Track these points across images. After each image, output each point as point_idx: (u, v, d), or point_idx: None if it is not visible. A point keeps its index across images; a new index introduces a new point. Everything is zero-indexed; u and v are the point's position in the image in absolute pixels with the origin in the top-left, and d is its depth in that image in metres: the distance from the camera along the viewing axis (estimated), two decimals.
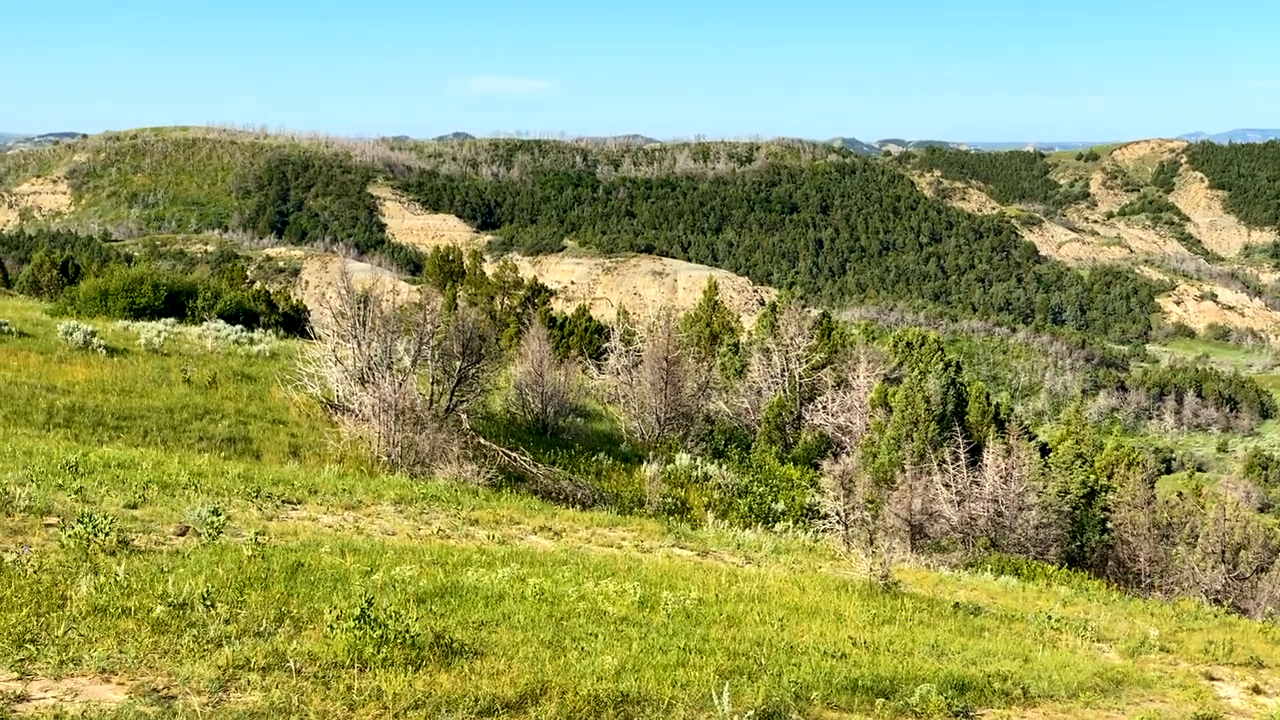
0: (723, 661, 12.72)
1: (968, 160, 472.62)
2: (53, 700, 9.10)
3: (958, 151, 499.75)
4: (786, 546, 27.18)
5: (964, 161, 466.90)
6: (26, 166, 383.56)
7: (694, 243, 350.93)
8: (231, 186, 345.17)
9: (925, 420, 43.59)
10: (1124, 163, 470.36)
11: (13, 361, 34.33)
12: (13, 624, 10.48)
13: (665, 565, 20.09)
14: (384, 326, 35.83)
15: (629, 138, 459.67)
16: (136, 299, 52.94)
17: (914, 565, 29.21)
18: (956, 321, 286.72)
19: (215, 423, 31.64)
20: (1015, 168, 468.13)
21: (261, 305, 67.02)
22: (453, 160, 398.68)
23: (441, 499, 24.32)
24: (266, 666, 10.26)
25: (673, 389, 46.66)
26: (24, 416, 27.98)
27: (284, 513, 19.85)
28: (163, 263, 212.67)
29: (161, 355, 39.27)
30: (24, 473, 18.38)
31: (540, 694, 10.57)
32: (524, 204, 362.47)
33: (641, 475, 37.75)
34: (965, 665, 15.13)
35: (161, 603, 11.53)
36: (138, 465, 21.31)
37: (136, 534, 15.07)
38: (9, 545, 13.52)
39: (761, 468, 44.16)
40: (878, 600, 19.20)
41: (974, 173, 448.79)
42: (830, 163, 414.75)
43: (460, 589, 14.55)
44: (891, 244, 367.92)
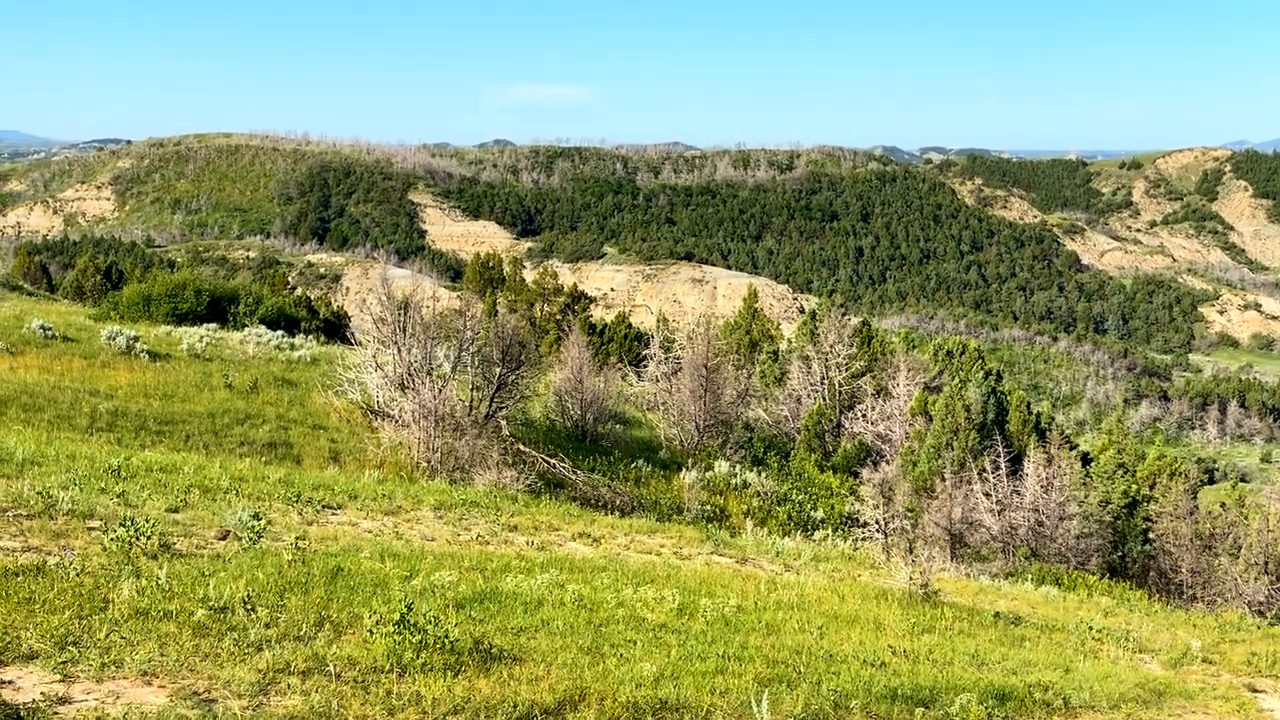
0: (762, 669, 12.68)
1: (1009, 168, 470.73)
2: (94, 702, 9.14)
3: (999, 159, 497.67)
4: (825, 554, 27.07)
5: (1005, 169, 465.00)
6: (71, 172, 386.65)
7: (734, 250, 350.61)
8: (274, 193, 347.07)
9: (965, 429, 43.36)
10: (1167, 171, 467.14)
11: (57, 366, 34.60)
12: (55, 626, 10.54)
13: (704, 572, 20.05)
14: (424, 332, 35.95)
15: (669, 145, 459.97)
16: (179, 304, 53.27)
17: (954, 574, 29.06)
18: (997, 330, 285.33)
19: (256, 428, 31.81)
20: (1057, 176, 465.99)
21: (303, 311, 67.33)
22: (493, 167, 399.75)
23: (481, 505, 24.34)
24: (306, 670, 10.28)
25: (712, 396, 46.61)
26: (68, 420, 28.19)
27: (324, 517, 19.91)
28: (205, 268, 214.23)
29: (203, 360, 39.49)
30: (67, 476, 18.49)
31: (579, 700, 10.55)
32: (564, 211, 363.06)
33: (680, 482, 37.72)
34: (1006, 675, 15.02)
35: (202, 606, 11.57)
36: (179, 469, 21.41)
37: (178, 538, 15.14)
38: (52, 548, 13.60)
39: (801, 475, 44.04)
40: (917, 609, 19.09)
41: (1016, 181, 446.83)
42: (871, 170, 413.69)
43: (499, 595, 14.56)
44: (932, 252, 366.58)
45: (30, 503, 15.57)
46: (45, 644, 10.14)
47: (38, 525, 14.59)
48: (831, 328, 55.53)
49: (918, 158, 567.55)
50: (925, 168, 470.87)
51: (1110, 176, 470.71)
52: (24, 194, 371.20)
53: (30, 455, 19.89)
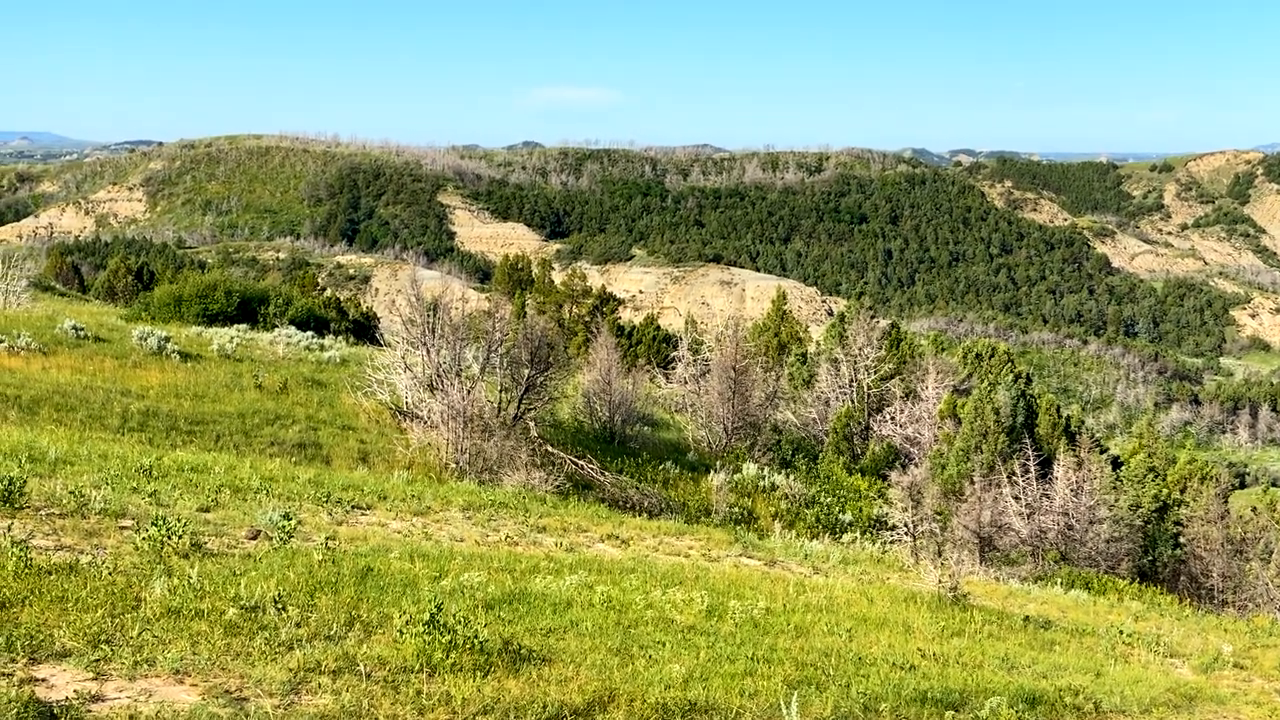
0: (791, 671, 12.67)
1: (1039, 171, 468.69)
2: (127, 700, 9.20)
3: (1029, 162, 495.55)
4: (854, 557, 27.03)
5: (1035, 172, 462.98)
6: (103, 174, 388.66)
7: (762, 252, 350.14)
8: (303, 194, 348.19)
9: (995, 432, 43.21)
10: (1198, 174, 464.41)
11: (89, 366, 34.80)
12: (88, 624, 10.62)
13: (733, 574, 20.04)
14: (453, 334, 36.01)
15: (698, 147, 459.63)
16: (209, 305, 53.53)
17: (983, 577, 28.96)
18: (1027, 333, 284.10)
19: (286, 428, 31.93)
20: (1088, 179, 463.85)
21: (332, 312, 67.57)
22: (522, 169, 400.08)
23: (509, 506, 24.39)
24: (337, 670, 10.33)
25: (740, 398, 46.57)
26: (99, 420, 28.35)
27: (353, 518, 19.99)
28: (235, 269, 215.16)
29: (234, 361, 39.67)
30: (99, 475, 18.61)
31: (608, 701, 10.56)
32: (593, 213, 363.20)
33: (708, 484, 37.70)
34: (1036, 679, 14.98)
35: (234, 605, 11.63)
36: (210, 469, 21.53)
37: (209, 537, 15.22)
38: (85, 547, 13.70)
39: (829, 478, 43.95)
40: (947, 612, 19.06)
41: (1046, 184, 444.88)
42: (900, 173, 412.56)
43: (528, 596, 14.59)
44: (961, 255, 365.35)
45: (63, 502, 15.68)
46: (78, 642, 10.21)
47: (70, 524, 14.69)
48: (860, 330, 55.41)
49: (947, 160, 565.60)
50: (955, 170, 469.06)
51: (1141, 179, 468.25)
52: (56, 195, 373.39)
53: (63, 454, 20.03)
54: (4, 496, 14.92)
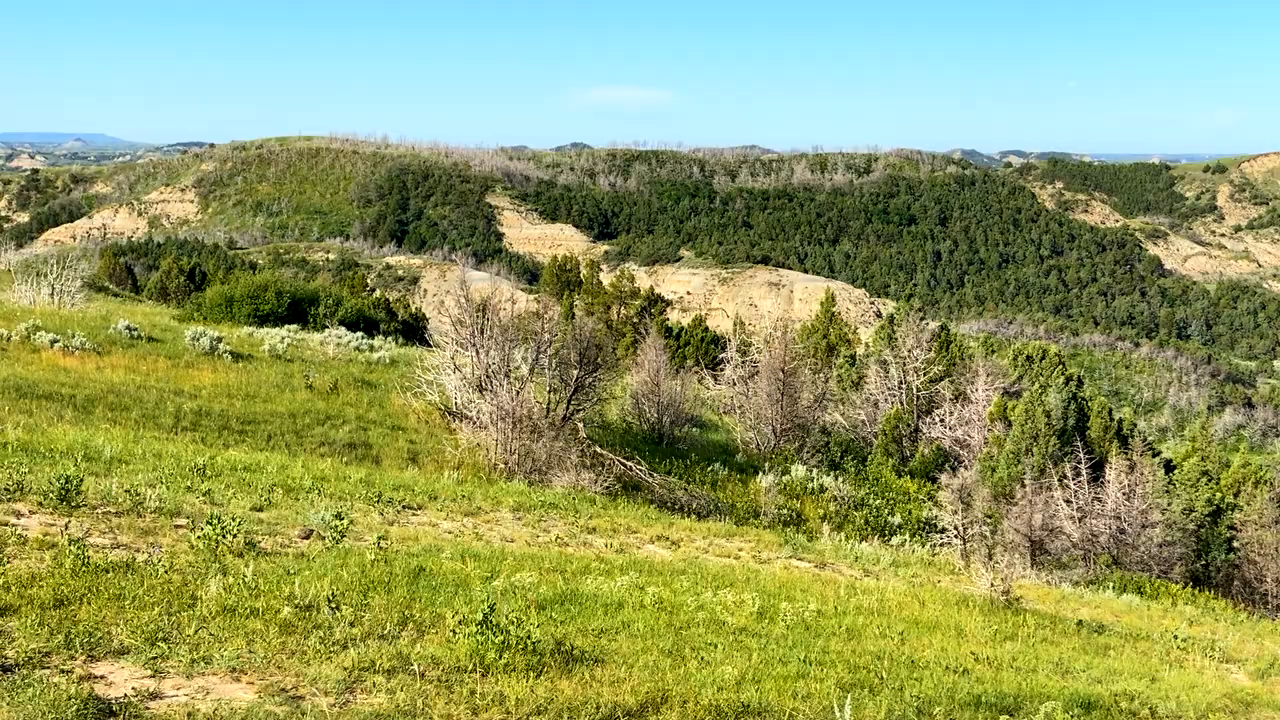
0: (843, 674, 12.62)
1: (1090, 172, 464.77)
2: (184, 698, 9.27)
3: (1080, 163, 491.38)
4: (904, 560, 26.92)
5: (1087, 173, 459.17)
6: (156, 175, 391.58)
7: (810, 254, 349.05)
8: (353, 195, 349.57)
9: (1046, 435, 42.92)
10: (1252, 175, 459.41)
11: (142, 366, 35.11)
12: (145, 622, 10.70)
13: (783, 576, 20.00)
14: (502, 335, 36.07)
15: (746, 148, 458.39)
16: (260, 306, 53.91)
17: (1034, 581, 28.78)
18: (1077, 335, 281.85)
19: (336, 428, 32.09)
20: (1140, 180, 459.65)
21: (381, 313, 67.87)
22: (570, 170, 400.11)
23: (559, 507, 24.43)
24: (391, 669, 10.37)
25: (789, 400, 46.45)
26: (153, 420, 28.58)
27: (404, 518, 20.06)
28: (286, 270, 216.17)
29: (285, 361, 39.92)
30: (154, 474, 18.76)
31: (661, 703, 10.56)
32: (641, 214, 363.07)
33: (757, 486, 37.62)
34: (1090, 684, 14.87)
35: (288, 604, 11.70)
36: (263, 469, 21.66)
37: (263, 536, 15.32)
38: (141, 545, 13.81)
39: (878, 480, 43.76)
40: (999, 616, 18.94)
41: (1097, 185, 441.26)
42: (949, 174, 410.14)
43: (579, 596, 14.60)
44: (1011, 256, 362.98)
45: (119, 500, 15.82)
46: (136, 640, 10.30)
47: (126, 522, 14.82)
48: (909, 332, 55.19)
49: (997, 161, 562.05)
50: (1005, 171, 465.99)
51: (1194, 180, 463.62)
52: (110, 196, 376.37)
53: (118, 453, 20.20)
54: (61, 495, 15.06)
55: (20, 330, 36.16)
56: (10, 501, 14.94)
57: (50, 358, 34.00)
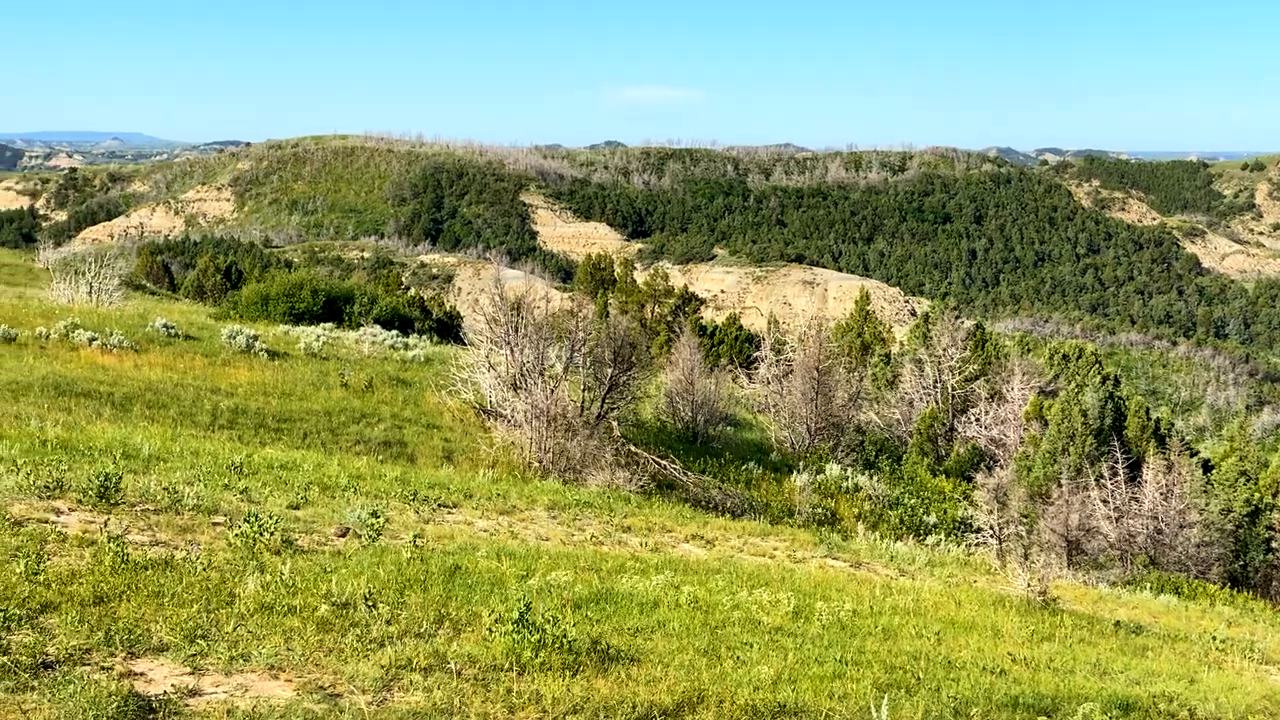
0: (880, 674, 12.58)
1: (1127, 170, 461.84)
2: (223, 695, 9.32)
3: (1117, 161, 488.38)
4: (940, 560, 26.83)
5: (1124, 171, 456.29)
6: (192, 174, 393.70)
7: (845, 252, 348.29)
8: (388, 194, 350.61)
9: (1082, 434, 42.69)
10: None
11: (179, 364, 35.32)
12: (184, 619, 10.76)
13: (818, 576, 19.96)
14: (536, 333, 36.12)
15: (780, 147, 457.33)
16: (296, 304, 54.16)
17: (1071, 581, 28.63)
18: (1114, 334, 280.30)
19: (372, 426, 32.20)
20: (1177, 178, 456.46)
21: (416, 311, 68.09)
22: (604, 169, 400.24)
23: (594, 505, 24.43)
24: (428, 667, 10.39)
25: (823, 399, 46.37)
26: (190, 418, 28.75)
27: (440, 516, 20.11)
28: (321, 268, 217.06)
29: (320, 359, 40.09)
30: (191, 472, 18.86)
31: (697, 702, 10.54)
32: (674, 213, 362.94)
33: (791, 485, 37.57)
34: (1129, 685, 14.78)
35: (325, 602, 11.74)
36: (299, 467, 21.74)
37: (299, 534, 15.37)
38: (179, 542, 13.89)
39: (913, 479, 43.65)
40: (1036, 616, 18.86)
41: (1134, 183, 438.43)
42: (985, 172, 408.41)
43: (615, 595, 14.60)
44: (1047, 255, 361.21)
45: (157, 498, 15.91)
46: (175, 637, 10.36)
47: (165, 520, 14.90)
48: (944, 331, 55.00)
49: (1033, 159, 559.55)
50: (1041, 169, 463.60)
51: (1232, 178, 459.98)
52: (147, 195, 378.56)
53: (156, 451, 20.32)
54: (100, 492, 15.15)
55: (59, 328, 36.43)
56: (50, 499, 15.04)
57: (88, 356, 34.24)
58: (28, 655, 9.41)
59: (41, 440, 19.44)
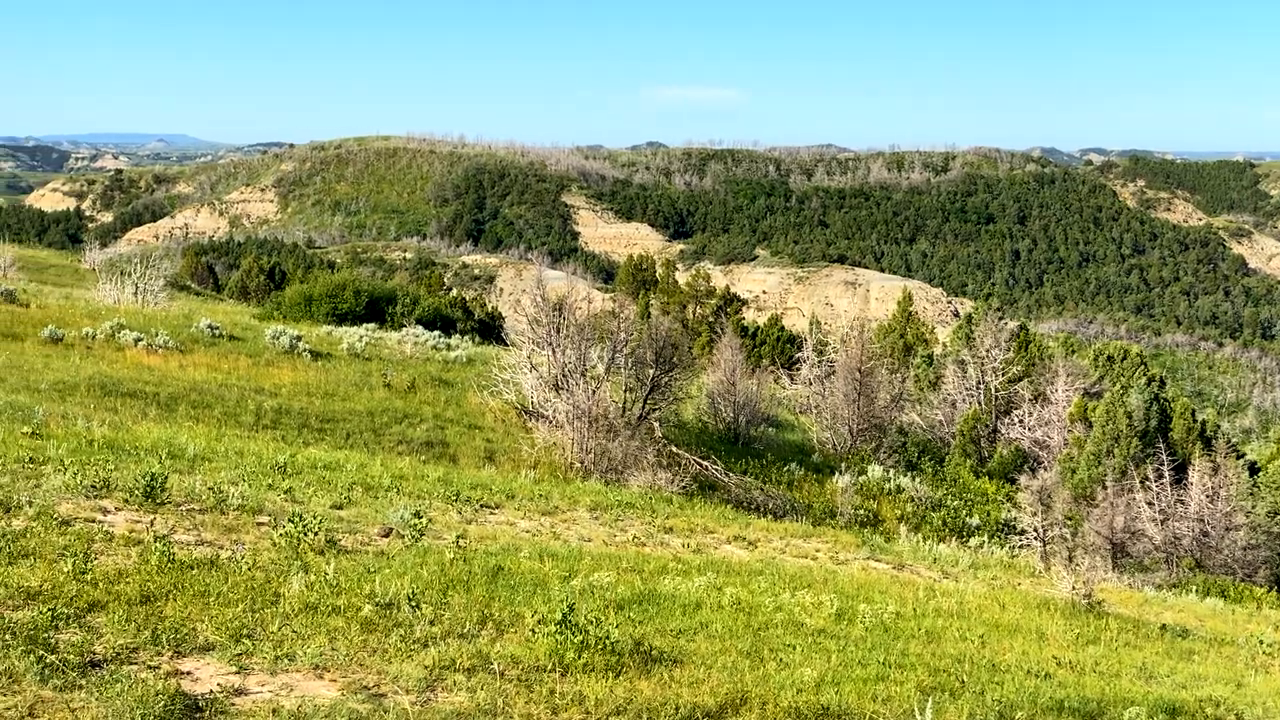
0: (923, 677, 12.52)
1: (1173, 170, 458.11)
2: (269, 695, 9.36)
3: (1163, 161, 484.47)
4: (983, 562, 26.71)
5: (1169, 171, 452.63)
6: (236, 175, 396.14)
7: (887, 253, 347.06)
8: (430, 195, 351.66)
9: (1127, 436, 42.41)
10: None
11: (224, 364, 35.53)
12: (230, 619, 10.83)
13: (861, 578, 19.89)
14: (578, 334, 36.13)
15: (822, 147, 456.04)
16: (339, 304, 54.42)
17: (1116, 584, 28.44)
18: (1159, 335, 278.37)
19: (414, 427, 32.29)
20: (1223, 178, 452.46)
21: (458, 312, 68.33)
22: (646, 169, 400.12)
23: (636, 506, 24.43)
24: (471, 668, 10.41)
25: (865, 400, 46.23)
26: (234, 418, 28.90)
27: (482, 516, 20.15)
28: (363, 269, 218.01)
29: (363, 360, 40.25)
30: (236, 472, 18.98)
31: (740, 704, 10.52)
32: (716, 213, 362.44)
33: (833, 486, 37.48)
34: (1175, 689, 14.66)
35: (369, 602, 11.78)
36: (342, 467, 21.83)
37: (343, 534, 15.44)
38: (224, 542, 13.97)
39: (955, 481, 43.46)
40: (1081, 619, 18.73)
41: (1180, 183, 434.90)
42: (1029, 172, 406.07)
43: (657, 597, 14.60)
44: (1091, 255, 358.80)
45: (202, 497, 16.01)
46: (221, 636, 10.42)
47: (210, 520, 15.00)
48: (988, 331, 54.75)
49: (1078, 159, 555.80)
50: (1085, 169, 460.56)
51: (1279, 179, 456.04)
52: (192, 196, 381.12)
53: (201, 451, 20.45)
54: (146, 492, 15.26)
55: (105, 329, 36.71)
56: (97, 498, 15.16)
57: (134, 356, 34.50)
58: (75, 654, 9.48)
59: (88, 440, 19.59)
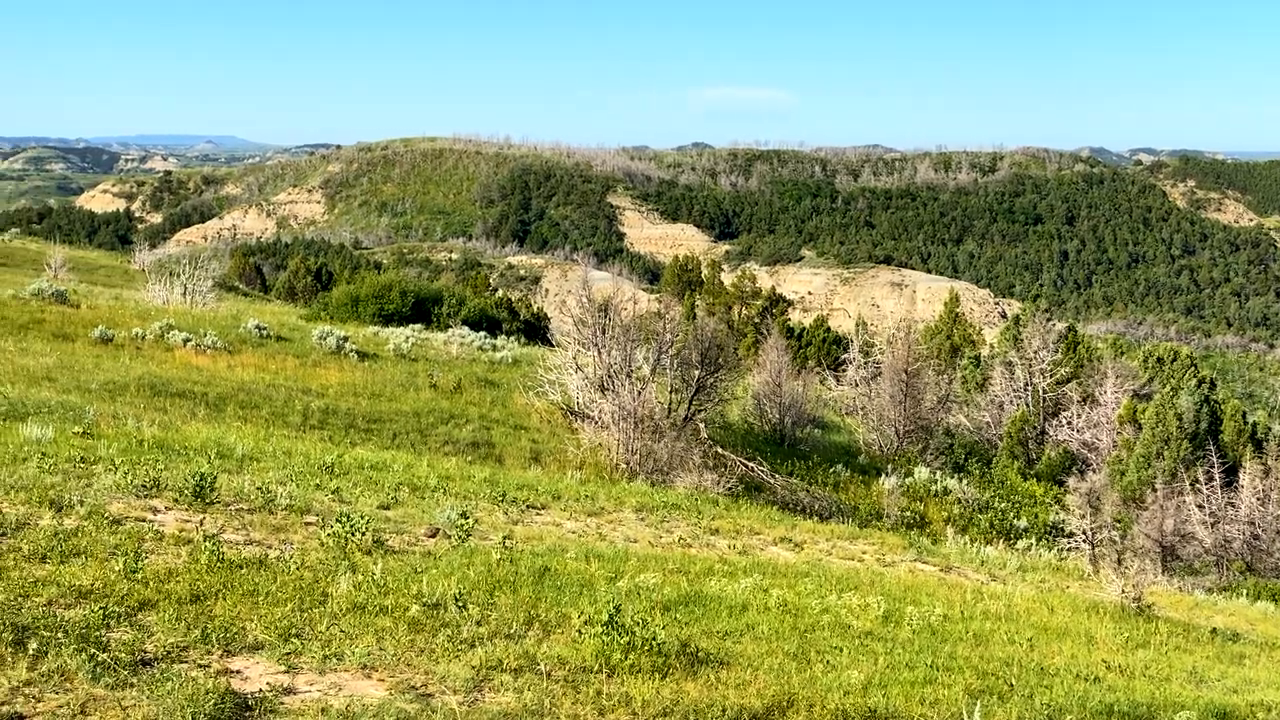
0: (971, 680, 12.45)
1: (1224, 170, 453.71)
2: (318, 694, 9.40)
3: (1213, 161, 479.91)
4: (1031, 564, 26.52)
5: (1220, 171, 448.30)
6: (284, 177, 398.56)
7: (934, 254, 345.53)
8: (476, 196, 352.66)
9: (1177, 438, 42.07)
10: None
11: (271, 365, 35.75)
12: (278, 618, 10.88)
13: (908, 580, 19.79)
14: (624, 335, 36.17)
15: (868, 148, 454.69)
16: (385, 305, 54.67)
17: (1166, 588, 28.20)
18: (1210, 337, 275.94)
19: (460, 427, 32.40)
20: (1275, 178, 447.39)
21: (503, 312, 68.49)
22: (691, 170, 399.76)
23: (682, 507, 24.41)
24: (518, 668, 10.42)
25: (912, 401, 46.07)
26: (281, 418, 29.08)
27: (528, 517, 20.18)
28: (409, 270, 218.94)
29: (409, 360, 40.41)
30: (284, 472, 19.08)
31: (787, 706, 10.48)
32: (762, 214, 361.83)
33: (879, 488, 37.37)
34: (1226, 694, 14.50)
35: (416, 602, 11.81)
36: (389, 467, 21.91)
37: (390, 534, 15.49)
38: (272, 542, 14.05)
39: (1003, 483, 43.24)
40: (1130, 623, 18.56)
41: (1230, 183, 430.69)
42: (1077, 173, 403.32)
43: (703, 598, 14.57)
44: (1141, 256, 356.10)
45: (251, 497, 16.11)
46: (270, 635, 10.47)
47: (258, 519, 15.08)
48: (1035, 333, 54.46)
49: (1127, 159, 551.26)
50: (1134, 169, 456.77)
51: None
52: (240, 197, 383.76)
53: (249, 451, 20.57)
54: (196, 491, 15.36)
55: (154, 329, 37.01)
56: (147, 498, 15.27)
57: (183, 356, 34.77)
58: (127, 652, 9.55)
59: (138, 440, 19.74)
